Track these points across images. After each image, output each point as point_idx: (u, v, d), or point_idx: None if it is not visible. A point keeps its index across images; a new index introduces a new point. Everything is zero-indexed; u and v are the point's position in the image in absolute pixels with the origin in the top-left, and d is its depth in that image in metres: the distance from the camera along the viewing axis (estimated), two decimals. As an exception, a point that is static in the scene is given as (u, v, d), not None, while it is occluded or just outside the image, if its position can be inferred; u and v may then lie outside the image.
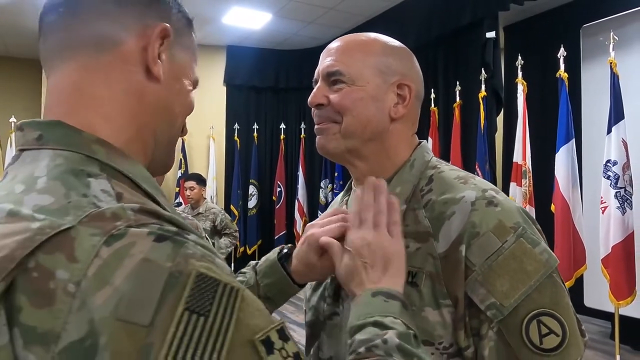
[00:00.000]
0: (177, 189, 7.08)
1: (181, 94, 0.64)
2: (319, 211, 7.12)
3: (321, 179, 7.29)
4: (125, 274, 0.43)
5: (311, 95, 0.87)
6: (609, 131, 3.75)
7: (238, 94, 7.84)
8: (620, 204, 3.65)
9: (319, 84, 0.88)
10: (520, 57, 4.47)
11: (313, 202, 7.52)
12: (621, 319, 3.82)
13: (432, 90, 5.47)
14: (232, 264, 7.37)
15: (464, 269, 0.74)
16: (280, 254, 0.88)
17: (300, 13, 6.30)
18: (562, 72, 4.01)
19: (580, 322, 0.74)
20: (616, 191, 3.67)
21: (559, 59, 4.05)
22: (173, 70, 0.61)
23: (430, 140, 5.33)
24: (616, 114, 3.73)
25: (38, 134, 0.54)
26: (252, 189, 7.59)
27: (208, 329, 0.43)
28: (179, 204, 6.41)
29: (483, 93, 4.75)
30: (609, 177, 3.72)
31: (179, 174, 7.12)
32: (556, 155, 4.01)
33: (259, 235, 7.59)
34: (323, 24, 6.66)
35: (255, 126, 7.74)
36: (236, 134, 7.59)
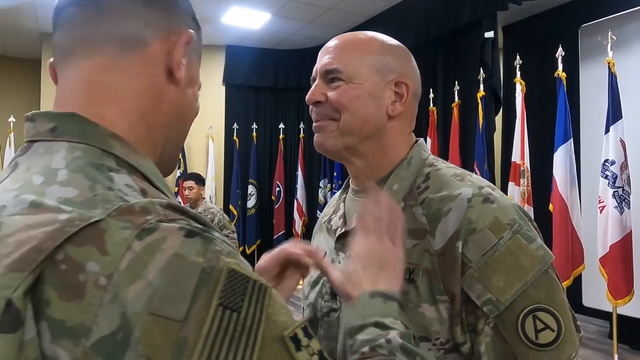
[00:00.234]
0: (176, 188, 7.07)
1: (192, 98, 0.65)
2: (318, 211, 7.13)
3: (320, 178, 7.29)
4: (157, 268, 0.43)
5: (309, 92, 0.88)
6: (607, 131, 3.76)
7: (237, 93, 7.84)
8: (618, 203, 3.67)
9: (317, 82, 0.88)
10: (518, 57, 4.48)
11: (312, 202, 7.52)
12: (620, 318, 3.83)
13: (431, 90, 5.48)
14: (231, 264, 7.37)
15: (460, 265, 0.75)
16: None
17: (299, 13, 6.31)
18: (561, 72, 4.01)
19: (576, 318, 0.75)
20: (614, 191, 3.68)
21: (557, 58, 4.06)
22: (188, 75, 0.62)
23: (429, 140, 5.33)
24: (614, 114, 3.74)
25: (52, 125, 0.53)
26: (251, 189, 7.59)
27: (241, 324, 0.44)
28: (178, 204, 6.41)
29: (482, 93, 4.75)
30: (606, 177, 3.73)
31: (178, 174, 7.12)
32: (554, 154, 4.02)
33: (258, 234, 7.59)
34: (322, 24, 6.67)
35: (254, 126, 7.74)
36: (235, 134, 7.59)
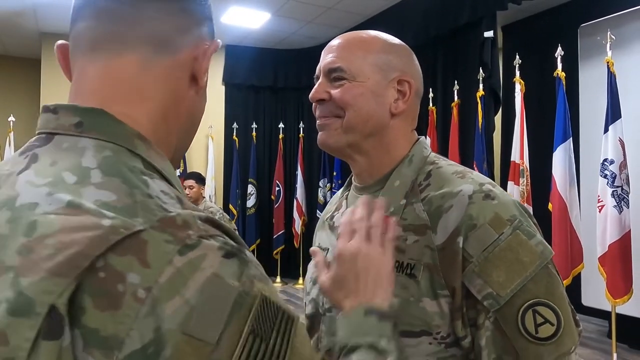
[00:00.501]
0: (176, 188, 7.09)
1: (204, 102, 0.66)
2: (318, 210, 7.14)
3: (320, 178, 7.30)
4: (196, 287, 0.42)
5: (313, 90, 0.89)
6: (606, 130, 3.77)
7: (237, 93, 7.85)
8: (617, 202, 3.67)
9: (320, 80, 0.90)
10: (518, 57, 4.48)
11: (312, 202, 7.53)
12: (619, 317, 3.84)
13: (431, 89, 5.49)
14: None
15: (461, 260, 0.75)
16: None
17: (298, 12, 6.31)
18: (560, 72, 4.02)
19: (575, 313, 0.76)
20: (613, 190, 3.69)
21: (557, 58, 4.06)
22: (205, 79, 0.63)
23: (428, 139, 5.34)
24: (613, 113, 3.75)
25: (77, 120, 0.52)
26: (251, 188, 7.60)
27: (269, 352, 0.44)
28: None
29: (481, 92, 4.76)
30: (605, 176, 3.74)
31: (178, 173, 7.07)
32: (553, 154, 4.02)
33: (257, 234, 7.59)
34: (321, 24, 6.67)
35: (254, 125, 7.75)
36: (235, 133, 7.60)
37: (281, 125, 7.80)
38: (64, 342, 0.39)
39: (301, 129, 7.70)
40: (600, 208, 3.77)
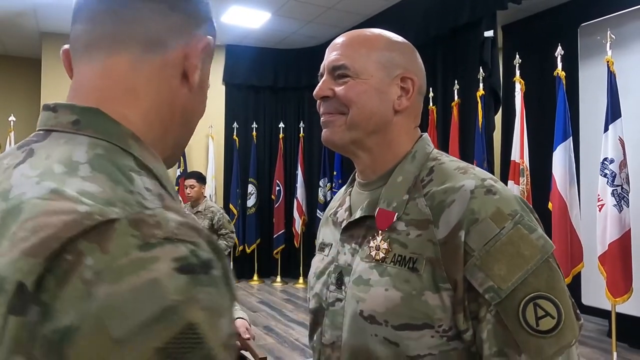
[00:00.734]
0: (176, 187, 7.10)
1: (202, 102, 0.66)
2: (318, 210, 7.15)
3: (320, 177, 7.31)
4: (133, 284, 0.41)
5: (317, 88, 0.90)
6: (606, 129, 3.77)
7: (237, 93, 7.86)
8: (617, 201, 3.68)
9: (324, 77, 0.91)
10: (518, 56, 4.49)
11: (312, 201, 7.54)
12: (619, 317, 3.84)
13: (431, 89, 5.50)
14: (231, 263, 7.39)
15: (463, 254, 0.76)
16: None
17: (298, 12, 6.33)
18: (560, 71, 4.03)
19: (576, 306, 0.77)
20: (613, 189, 3.70)
21: (557, 57, 4.07)
22: (201, 79, 0.63)
23: (428, 139, 5.36)
24: (613, 112, 3.75)
25: (75, 118, 0.54)
26: (251, 188, 7.61)
27: None
28: (178, 203, 6.42)
29: (481, 92, 4.77)
30: (605, 175, 3.74)
31: (178, 173, 7.14)
32: (553, 153, 4.03)
33: (257, 234, 7.60)
34: (321, 23, 6.68)
35: (254, 125, 7.76)
36: (235, 133, 7.61)
37: (281, 125, 7.81)
38: (29, 318, 0.41)
39: (301, 128, 7.72)
40: (600, 207, 3.77)
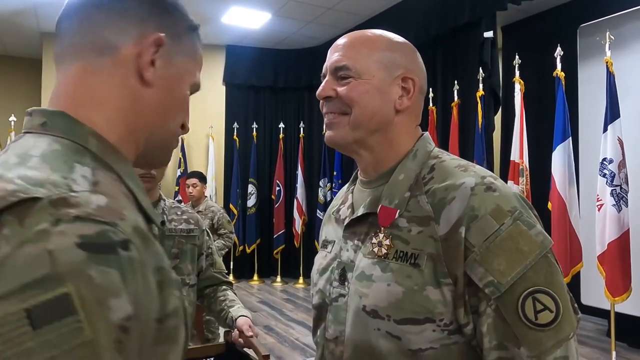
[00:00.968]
0: (177, 187, 7.11)
1: (176, 98, 0.68)
2: (318, 210, 7.16)
3: (320, 178, 7.32)
4: (30, 251, 0.44)
5: (320, 88, 0.92)
6: (605, 130, 3.79)
7: (237, 93, 7.88)
8: (615, 201, 3.69)
9: (327, 78, 0.93)
10: (517, 57, 4.50)
11: (312, 201, 7.55)
12: (618, 316, 3.85)
13: (431, 89, 5.51)
14: (231, 263, 7.41)
15: (463, 250, 0.78)
16: None
17: (299, 13, 6.34)
18: (559, 72, 4.04)
19: (574, 300, 0.79)
20: (612, 189, 3.71)
21: (556, 58, 4.08)
22: (169, 75, 0.66)
23: (428, 139, 5.37)
24: (612, 113, 3.77)
25: (43, 120, 0.60)
26: (251, 188, 7.62)
27: (26, 340, 0.42)
28: (179, 202, 6.43)
29: (481, 92, 4.78)
30: (605, 175, 3.76)
31: (179, 173, 7.15)
32: (553, 153, 4.04)
33: (258, 234, 7.61)
34: (322, 24, 6.70)
35: (254, 125, 7.77)
36: (235, 133, 7.63)
37: (281, 125, 7.83)
38: None
39: (301, 128, 7.73)
40: (599, 207, 3.79)
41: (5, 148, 0.60)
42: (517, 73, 4.45)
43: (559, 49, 4.09)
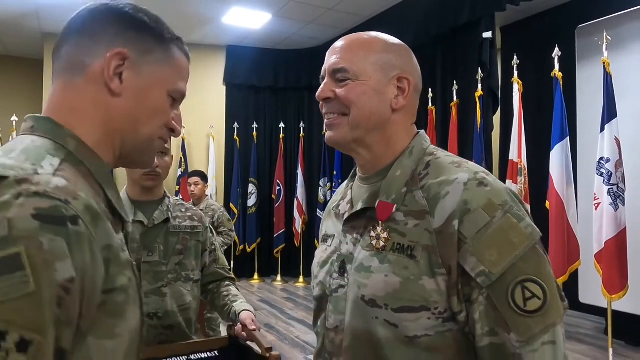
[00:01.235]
0: (178, 187, 7.14)
1: (147, 106, 0.76)
2: (318, 209, 7.20)
3: (320, 177, 7.35)
4: None
5: (319, 90, 0.97)
6: (602, 129, 3.82)
7: (238, 93, 7.91)
8: (612, 200, 3.72)
9: (326, 80, 0.97)
10: (516, 57, 4.53)
11: (312, 201, 7.59)
12: (615, 314, 3.88)
13: (430, 89, 5.55)
14: (232, 262, 7.43)
15: (457, 242, 0.82)
16: None
17: (299, 13, 6.38)
18: (557, 72, 4.07)
19: (560, 289, 0.83)
20: (609, 188, 3.74)
21: (554, 58, 4.10)
22: (138, 85, 0.75)
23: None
24: (609, 113, 3.79)
25: (32, 124, 0.72)
26: (252, 188, 7.66)
27: None
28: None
29: (480, 92, 4.81)
30: (602, 174, 3.79)
31: (179, 173, 7.19)
32: (551, 153, 4.07)
33: (258, 233, 7.65)
34: (322, 24, 6.74)
35: (255, 125, 7.81)
36: (236, 133, 7.66)
37: (282, 125, 7.86)
38: None
39: (302, 128, 7.77)
40: (596, 206, 3.81)
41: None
42: (516, 73, 4.48)
43: (556, 49, 4.11)
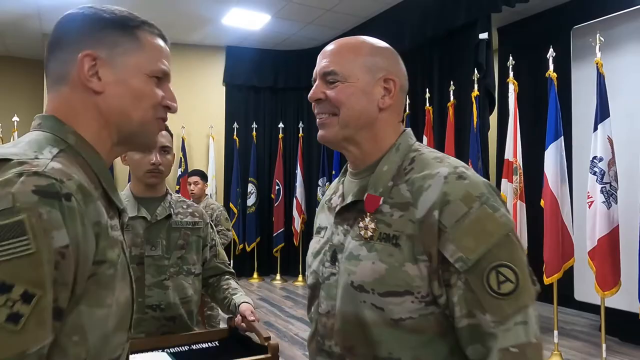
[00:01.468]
0: (178, 187, 7.20)
1: (132, 92, 0.83)
2: (317, 209, 7.24)
3: (319, 177, 7.41)
4: None
5: (311, 91, 1.04)
6: (595, 129, 3.88)
7: (237, 93, 7.97)
8: (605, 198, 3.79)
9: (317, 82, 1.04)
10: (512, 58, 4.59)
11: (311, 200, 7.66)
12: (610, 312, 3.93)
13: (427, 89, 5.61)
14: (231, 261, 7.49)
15: (437, 230, 0.89)
16: None
17: (298, 14, 6.44)
18: (552, 72, 4.13)
19: (533, 274, 0.90)
20: (602, 186, 3.81)
21: (549, 59, 4.16)
22: (117, 77, 0.82)
23: (425, 139, 5.46)
24: (602, 112, 3.86)
25: (39, 122, 0.82)
26: (251, 187, 7.72)
27: None
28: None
29: (476, 92, 4.88)
30: (595, 173, 3.85)
31: (179, 172, 7.25)
32: (545, 152, 4.13)
33: (257, 232, 7.71)
34: (321, 25, 6.80)
35: (254, 125, 7.87)
36: (235, 133, 7.72)
37: (281, 125, 7.92)
38: None
39: (301, 128, 7.83)
40: (589, 204, 3.88)
41: None
42: (512, 74, 4.54)
43: (551, 50, 4.17)
